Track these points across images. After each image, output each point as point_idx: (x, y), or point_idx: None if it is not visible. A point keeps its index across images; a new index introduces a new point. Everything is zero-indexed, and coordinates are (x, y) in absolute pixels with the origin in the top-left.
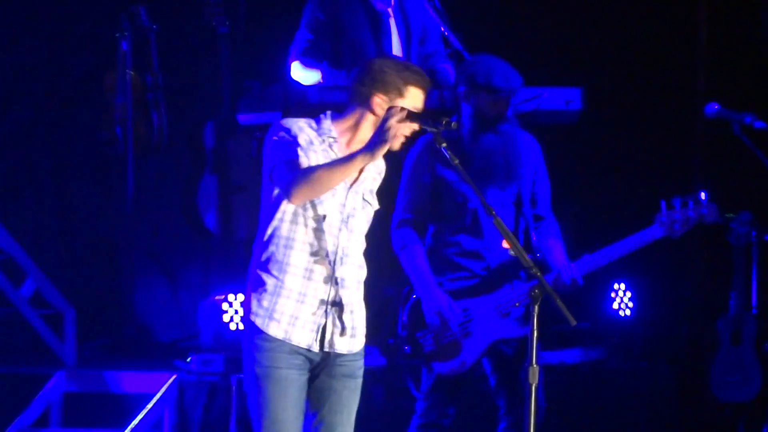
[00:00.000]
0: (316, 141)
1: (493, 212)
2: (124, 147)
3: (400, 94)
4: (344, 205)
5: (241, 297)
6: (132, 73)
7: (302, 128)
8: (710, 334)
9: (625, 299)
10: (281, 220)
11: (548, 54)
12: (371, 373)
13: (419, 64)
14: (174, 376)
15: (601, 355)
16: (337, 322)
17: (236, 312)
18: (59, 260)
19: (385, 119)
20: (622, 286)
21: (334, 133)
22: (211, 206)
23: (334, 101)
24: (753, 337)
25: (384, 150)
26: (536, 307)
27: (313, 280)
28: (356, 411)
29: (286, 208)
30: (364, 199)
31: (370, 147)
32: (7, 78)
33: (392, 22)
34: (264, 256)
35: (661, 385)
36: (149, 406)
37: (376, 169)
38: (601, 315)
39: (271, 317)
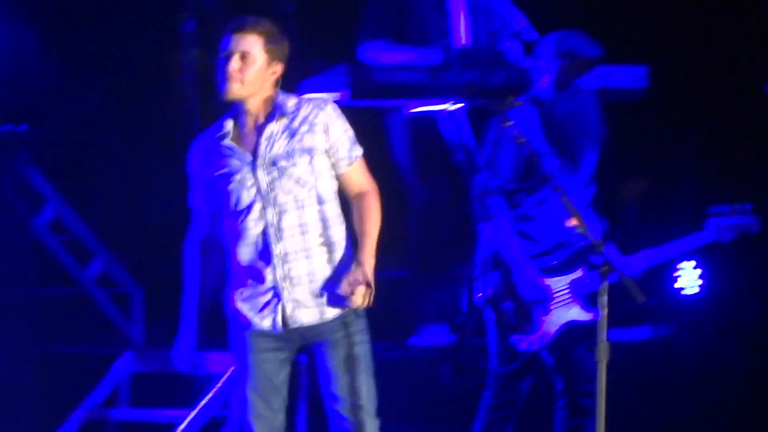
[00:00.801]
0: (213, 146)
1: (561, 188)
2: (192, 126)
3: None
4: (258, 185)
5: None
6: (199, 52)
7: (194, 152)
8: None
9: (694, 276)
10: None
11: (614, 31)
12: (440, 352)
13: (486, 42)
14: None
15: (670, 332)
16: (295, 297)
17: None
18: (127, 240)
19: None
20: (692, 263)
21: (227, 127)
22: None
23: (401, 81)
24: None
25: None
26: (605, 284)
27: (255, 265)
28: (365, 378)
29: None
30: (277, 166)
31: None
32: (74, 58)
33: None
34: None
35: (730, 362)
36: (218, 385)
37: (283, 129)
38: (669, 293)
39: (232, 310)
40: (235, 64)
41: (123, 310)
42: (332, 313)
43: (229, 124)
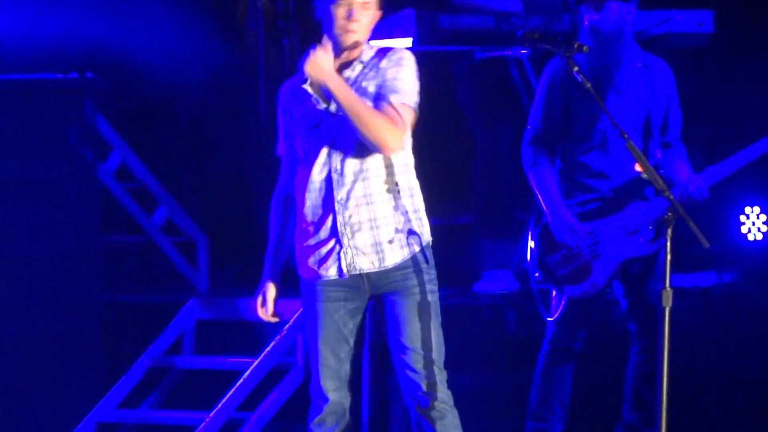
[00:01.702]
0: (298, 90)
1: (626, 135)
2: (256, 74)
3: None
4: (325, 131)
5: None
6: (264, 1)
7: (283, 94)
8: None
9: (759, 222)
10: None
11: None
12: (505, 298)
13: None
14: None
15: (735, 278)
16: (354, 243)
17: None
18: (192, 188)
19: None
20: (756, 209)
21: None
22: None
23: (468, 26)
24: None
25: (318, 65)
26: (669, 231)
27: (318, 214)
28: (435, 329)
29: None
30: None
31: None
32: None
33: None
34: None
35: None
36: (282, 332)
37: (361, 68)
38: (733, 239)
39: (299, 263)
40: (358, 15)
41: (188, 258)
42: (392, 260)
43: None
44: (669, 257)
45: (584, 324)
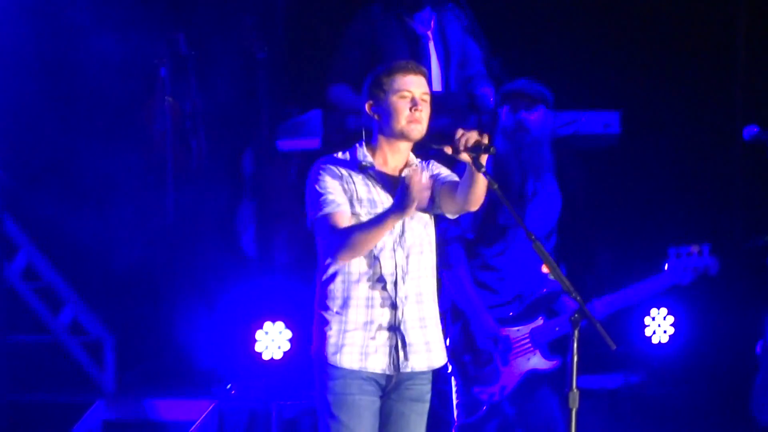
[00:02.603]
0: (353, 174)
1: (533, 237)
2: (163, 173)
3: (383, 89)
4: (393, 227)
5: (279, 325)
6: (171, 99)
7: (338, 166)
8: (750, 358)
9: (665, 324)
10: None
11: (586, 78)
12: None
13: (459, 88)
14: (214, 404)
15: (641, 379)
16: (409, 341)
17: (272, 340)
18: (99, 287)
19: (405, 185)
20: (663, 311)
21: (369, 158)
22: (248, 231)
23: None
24: None
25: (412, 208)
26: (576, 332)
27: (376, 307)
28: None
29: None
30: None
31: (398, 207)
32: (48, 105)
33: (431, 45)
34: (325, 294)
35: (701, 410)
36: None
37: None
38: (640, 340)
39: (341, 351)
40: (422, 104)
41: (94, 357)
42: (438, 362)
43: (369, 157)
44: (576, 359)
45: (490, 428)
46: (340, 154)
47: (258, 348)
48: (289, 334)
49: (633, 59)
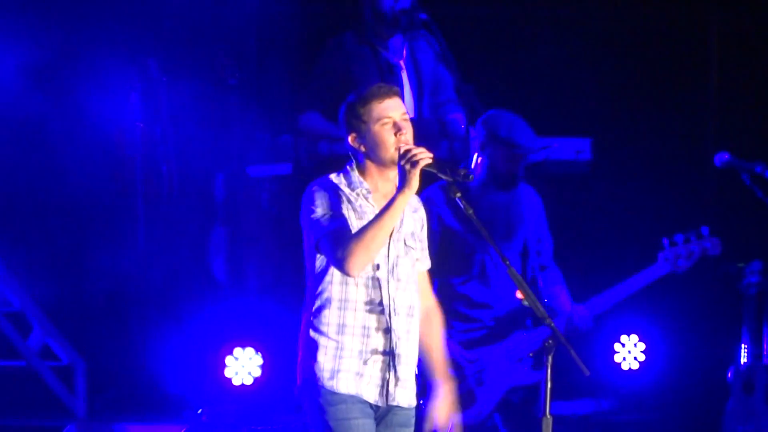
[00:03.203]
0: (352, 196)
1: (508, 262)
2: (134, 199)
3: (362, 119)
4: (388, 256)
5: (249, 351)
6: (142, 125)
7: (336, 188)
8: (722, 384)
9: (636, 351)
10: (330, 282)
11: (558, 104)
12: None
13: (431, 115)
14: (184, 429)
15: (612, 406)
16: (398, 375)
17: (242, 366)
18: (69, 312)
19: (401, 155)
20: (634, 337)
21: (366, 185)
22: (219, 256)
23: (345, 153)
24: (765, 387)
25: (415, 175)
26: (550, 358)
27: (372, 336)
28: None
29: (335, 271)
30: (406, 244)
31: (401, 183)
32: (20, 131)
33: (404, 74)
34: (319, 319)
35: None
36: None
37: (410, 209)
38: (611, 366)
39: (337, 376)
40: (405, 128)
41: (65, 382)
42: (414, 399)
43: (366, 183)
44: (549, 385)
45: None
46: (333, 177)
47: (228, 374)
48: (259, 360)
49: (605, 86)
